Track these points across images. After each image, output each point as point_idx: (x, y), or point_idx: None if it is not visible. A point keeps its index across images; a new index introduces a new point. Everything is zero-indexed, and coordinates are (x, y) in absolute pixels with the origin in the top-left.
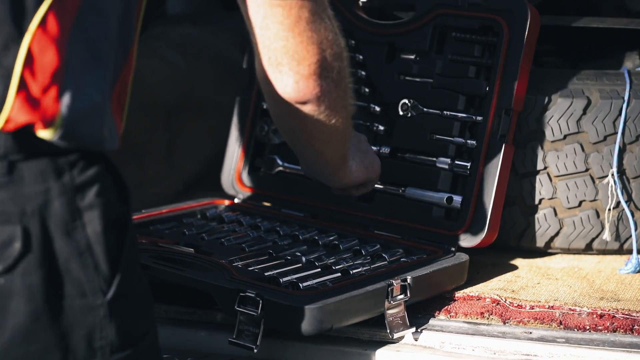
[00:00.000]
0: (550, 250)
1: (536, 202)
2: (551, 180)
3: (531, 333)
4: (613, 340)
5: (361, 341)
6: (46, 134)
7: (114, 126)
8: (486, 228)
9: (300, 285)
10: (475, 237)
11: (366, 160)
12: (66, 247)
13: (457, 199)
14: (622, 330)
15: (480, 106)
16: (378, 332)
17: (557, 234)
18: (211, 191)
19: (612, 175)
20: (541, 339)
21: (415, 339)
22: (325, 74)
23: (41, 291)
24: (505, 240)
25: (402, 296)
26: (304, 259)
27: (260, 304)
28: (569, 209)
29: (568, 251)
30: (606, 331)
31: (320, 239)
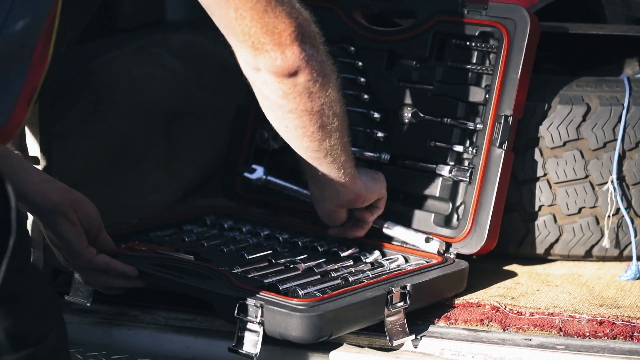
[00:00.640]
0: (550, 257)
1: (536, 208)
2: (551, 187)
3: (531, 340)
4: (613, 347)
5: (360, 348)
6: None
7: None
8: (486, 235)
9: (300, 292)
10: (475, 244)
11: (372, 174)
12: None
13: (435, 242)
14: (622, 337)
15: (480, 113)
16: (377, 339)
17: (556, 240)
18: (211, 198)
19: (612, 182)
20: (541, 346)
21: (415, 346)
22: (305, 39)
23: None
24: (505, 247)
25: (401, 303)
26: (303, 266)
27: (259, 311)
28: (569, 215)
29: (568, 258)
30: (606, 338)
31: (320, 245)
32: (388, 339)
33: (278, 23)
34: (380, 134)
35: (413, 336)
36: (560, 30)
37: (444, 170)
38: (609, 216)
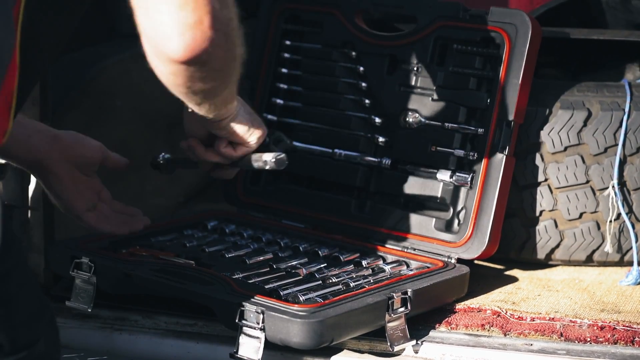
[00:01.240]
0: (551, 262)
1: (537, 213)
2: (552, 192)
3: (532, 345)
4: (614, 353)
5: (361, 353)
6: None
7: None
8: (487, 240)
9: (301, 298)
10: (476, 249)
11: (253, 115)
12: None
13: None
14: (623, 342)
15: (481, 118)
16: (378, 344)
17: (557, 245)
18: (212, 202)
19: (613, 187)
20: (542, 351)
21: (416, 351)
22: (216, 25)
23: None
24: (506, 252)
25: (402, 309)
26: (304, 271)
27: (261, 317)
28: (570, 220)
29: (569, 263)
30: (607, 343)
31: (321, 250)
32: (389, 344)
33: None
34: (382, 139)
35: (414, 341)
36: (562, 36)
37: (445, 175)
38: (610, 221)
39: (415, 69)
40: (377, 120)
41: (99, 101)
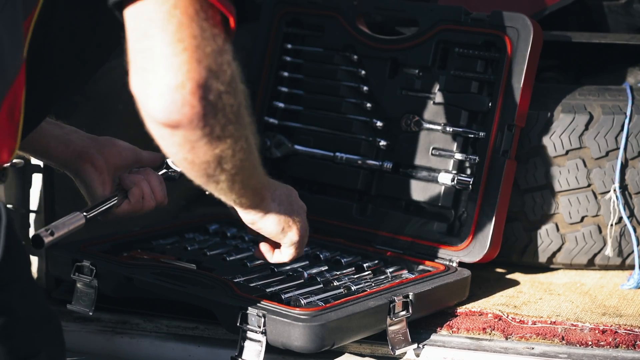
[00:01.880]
0: (552, 266)
1: (538, 217)
2: (553, 195)
3: (533, 349)
4: (615, 356)
5: (362, 357)
6: None
7: None
8: (488, 244)
9: (302, 302)
10: (478, 253)
11: (293, 210)
12: None
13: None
14: (624, 346)
15: (483, 122)
16: (380, 347)
17: (559, 249)
18: (213, 206)
19: (614, 190)
20: (543, 355)
21: (417, 355)
22: (203, 92)
23: None
24: (507, 256)
25: (404, 312)
26: (305, 275)
27: (262, 321)
28: (571, 224)
29: (570, 267)
30: (608, 347)
31: (322, 254)
32: (390, 347)
33: (170, 51)
34: (383, 142)
35: (415, 345)
36: (563, 39)
37: (447, 179)
38: (611, 225)
39: (417, 72)
40: (379, 123)
41: (101, 104)
